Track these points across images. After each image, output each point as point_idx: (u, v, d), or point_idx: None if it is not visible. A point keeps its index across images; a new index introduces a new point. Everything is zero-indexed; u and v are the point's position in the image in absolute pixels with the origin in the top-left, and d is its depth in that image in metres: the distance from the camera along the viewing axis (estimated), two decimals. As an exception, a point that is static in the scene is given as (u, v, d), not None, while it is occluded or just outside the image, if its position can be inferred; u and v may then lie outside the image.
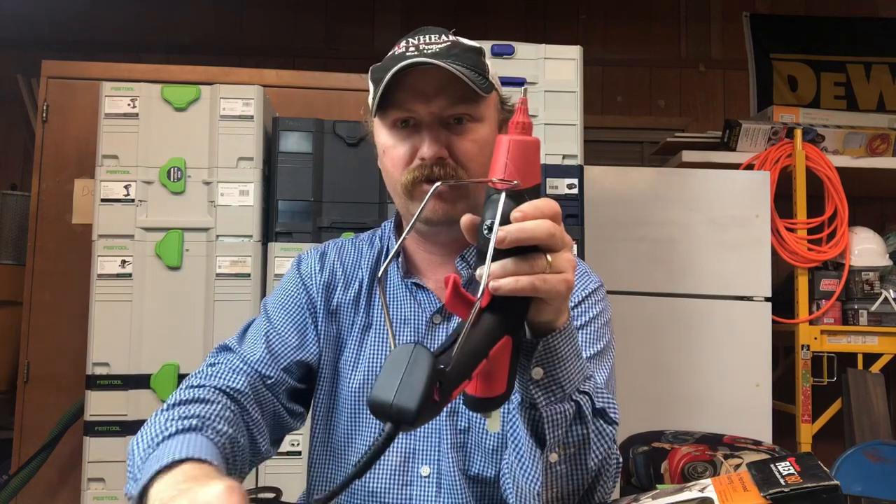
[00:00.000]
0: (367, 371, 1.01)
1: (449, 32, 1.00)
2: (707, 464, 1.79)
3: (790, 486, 0.65)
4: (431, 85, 0.93)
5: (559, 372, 0.77)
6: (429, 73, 0.92)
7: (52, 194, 2.25)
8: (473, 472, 0.96)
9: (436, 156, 0.93)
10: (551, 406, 0.78)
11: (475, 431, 0.96)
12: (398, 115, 0.96)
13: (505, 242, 0.64)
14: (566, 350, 0.77)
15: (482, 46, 1.01)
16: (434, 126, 0.95)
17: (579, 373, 0.79)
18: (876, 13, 3.86)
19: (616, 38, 3.81)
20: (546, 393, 0.77)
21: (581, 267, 1.05)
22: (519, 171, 0.66)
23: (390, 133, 0.98)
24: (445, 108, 0.94)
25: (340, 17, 3.74)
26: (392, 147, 0.98)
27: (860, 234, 2.85)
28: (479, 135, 0.97)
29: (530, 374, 0.76)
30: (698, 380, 2.46)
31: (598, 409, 0.83)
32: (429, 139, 0.94)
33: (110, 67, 2.27)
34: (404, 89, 0.93)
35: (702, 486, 0.73)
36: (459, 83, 0.92)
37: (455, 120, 0.95)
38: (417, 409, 0.57)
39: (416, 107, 0.94)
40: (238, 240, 1.98)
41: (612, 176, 2.55)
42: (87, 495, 1.87)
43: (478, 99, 0.96)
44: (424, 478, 0.97)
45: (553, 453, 0.80)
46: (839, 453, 2.35)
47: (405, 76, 0.92)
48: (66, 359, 2.15)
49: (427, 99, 0.94)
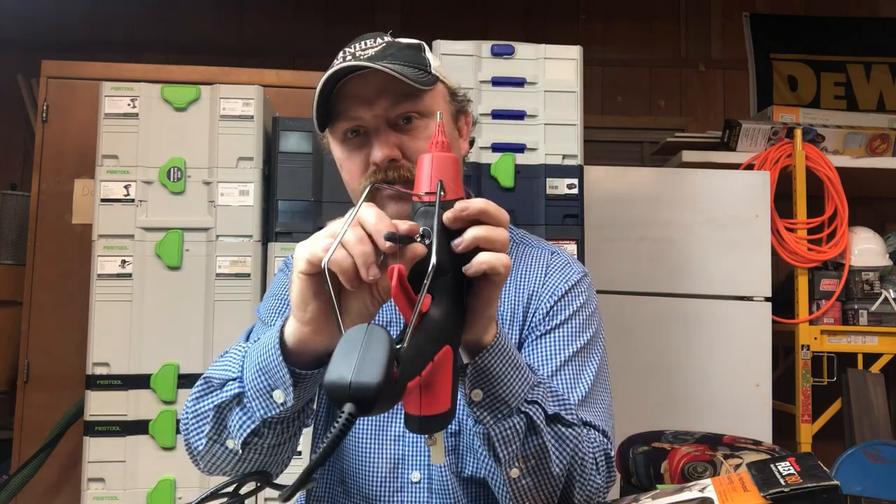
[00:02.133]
0: None
1: (386, 34, 0.98)
2: (707, 464, 1.79)
3: (790, 486, 0.65)
4: (371, 88, 0.91)
5: (499, 389, 0.76)
6: (366, 78, 0.90)
7: (52, 194, 2.25)
8: (467, 473, 0.95)
9: (387, 158, 0.91)
10: (499, 423, 0.77)
11: (466, 433, 0.95)
12: (345, 125, 0.94)
13: (462, 245, 0.66)
14: (501, 366, 0.75)
15: (421, 42, 0.99)
16: (382, 129, 0.93)
17: (522, 384, 0.78)
18: (876, 13, 3.86)
19: (616, 38, 3.81)
20: (491, 412, 0.77)
21: (562, 258, 1.05)
22: (446, 185, 0.67)
23: (342, 146, 0.96)
24: (389, 109, 0.92)
25: (340, 17, 3.74)
26: (346, 159, 0.96)
27: (860, 234, 2.85)
28: (430, 130, 0.92)
29: (470, 397, 0.76)
30: (698, 380, 2.46)
31: (551, 416, 0.82)
32: (377, 143, 0.92)
33: (110, 67, 2.27)
34: (345, 98, 0.92)
35: (702, 486, 0.73)
36: (400, 82, 0.89)
37: (404, 120, 0.93)
38: (379, 385, 0.53)
39: (360, 113, 0.92)
40: (238, 240, 1.98)
41: (612, 176, 2.55)
42: (87, 495, 1.86)
43: (421, 94, 0.93)
44: (415, 483, 0.96)
45: (513, 468, 0.80)
46: (839, 453, 2.35)
47: (344, 85, 0.91)
48: (66, 359, 2.15)
49: (369, 103, 0.92)
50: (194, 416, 0.86)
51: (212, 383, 0.85)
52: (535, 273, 1.02)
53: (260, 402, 0.78)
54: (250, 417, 0.79)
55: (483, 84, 2.03)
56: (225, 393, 0.82)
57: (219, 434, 0.83)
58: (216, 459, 0.86)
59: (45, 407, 2.15)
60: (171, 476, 1.87)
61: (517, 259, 1.04)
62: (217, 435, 0.83)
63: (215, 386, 0.84)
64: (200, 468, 0.89)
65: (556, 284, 1.00)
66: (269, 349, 0.75)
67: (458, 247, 0.67)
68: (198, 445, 0.85)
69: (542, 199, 2.01)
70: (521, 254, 1.05)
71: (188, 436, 0.87)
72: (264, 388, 0.77)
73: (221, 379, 0.83)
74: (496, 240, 0.68)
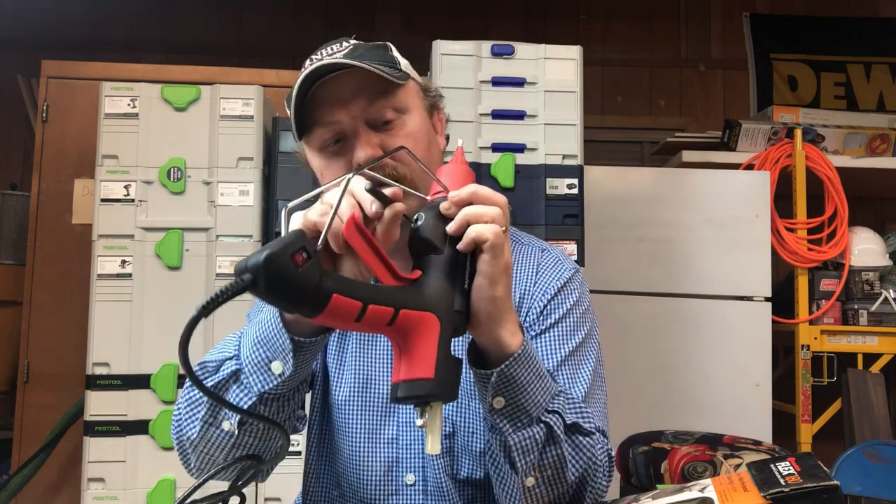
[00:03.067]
0: (354, 380, 1.00)
1: (350, 38, 0.97)
2: (707, 464, 1.79)
3: (790, 485, 0.65)
4: (346, 89, 0.90)
5: (522, 398, 0.76)
6: (340, 80, 0.89)
7: (52, 194, 2.25)
8: (462, 475, 0.95)
9: (370, 157, 0.89)
10: (519, 432, 0.77)
11: (461, 435, 0.95)
12: (322, 132, 0.91)
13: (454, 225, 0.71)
14: (526, 375, 0.75)
15: (387, 42, 0.98)
16: (361, 129, 0.91)
17: (545, 394, 0.78)
18: (876, 13, 3.86)
19: (616, 38, 3.81)
20: (511, 420, 0.76)
21: (552, 255, 1.03)
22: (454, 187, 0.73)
23: (320, 155, 0.94)
24: (367, 108, 0.91)
25: (340, 18, 3.73)
26: (326, 167, 0.94)
27: (860, 234, 2.84)
28: (409, 126, 0.93)
29: (491, 404, 0.75)
30: (698, 380, 2.46)
31: (570, 426, 0.81)
32: (359, 143, 0.90)
33: (110, 67, 2.27)
34: (321, 104, 0.89)
35: (702, 486, 0.72)
36: (373, 79, 0.89)
37: (383, 123, 0.92)
38: (267, 258, 0.58)
39: (338, 115, 0.90)
40: (238, 240, 1.98)
41: (612, 176, 2.55)
42: (87, 495, 1.87)
43: (395, 90, 0.92)
44: (410, 486, 0.96)
45: (529, 477, 0.79)
46: (839, 453, 2.35)
47: (317, 90, 0.89)
48: (66, 359, 2.15)
49: (345, 104, 0.90)
50: (187, 404, 0.85)
51: (207, 367, 0.85)
52: (527, 271, 1.01)
53: (258, 375, 0.78)
54: (248, 393, 0.79)
55: (483, 84, 2.03)
56: (221, 373, 0.82)
57: (214, 416, 0.82)
58: (210, 447, 0.84)
59: (45, 407, 2.16)
60: (171, 476, 1.87)
61: None
62: (213, 417, 0.82)
63: (210, 370, 0.84)
64: (192, 464, 0.87)
65: (548, 283, 0.99)
66: (268, 321, 0.76)
67: (451, 228, 0.71)
68: (191, 434, 0.84)
69: (542, 199, 2.01)
70: (513, 252, 1.04)
71: (181, 427, 0.85)
72: (263, 361, 0.77)
73: (218, 361, 0.84)
74: (484, 213, 0.71)
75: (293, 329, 0.74)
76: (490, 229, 0.70)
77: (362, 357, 1.01)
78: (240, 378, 0.80)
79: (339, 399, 1.01)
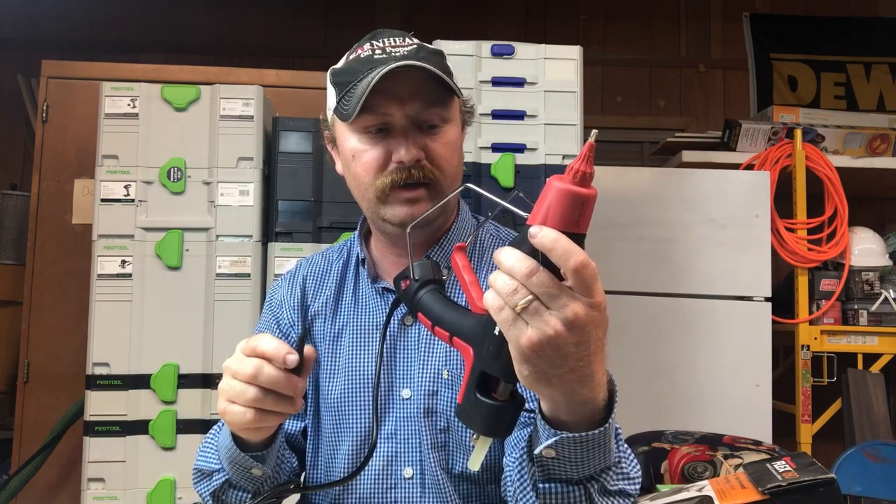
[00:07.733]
0: (346, 381, 1.01)
1: (409, 34, 0.99)
2: (707, 464, 1.79)
3: (787, 480, 0.65)
4: (405, 88, 0.92)
5: (575, 462, 0.70)
6: (402, 77, 0.91)
7: (52, 194, 2.25)
8: (457, 470, 0.96)
9: (415, 159, 0.93)
10: (552, 483, 0.73)
11: (455, 430, 0.96)
12: (371, 119, 0.94)
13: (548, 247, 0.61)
14: (592, 450, 0.69)
15: (441, 49, 1.00)
16: (410, 129, 0.94)
17: (598, 464, 0.72)
18: (876, 13, 3.86)
19: (616, 38, 3.81)
20: (550, 471, 0.72)
21: None
22: (561, 223, 0.62)
23: (360, 138, 0.96)
24: (420, 112, 0.94)
25: (340, 18, 3.74)
26: (363, 152, 0.96)
27: (860, 234, 2.84)
28: (449, 137, 0.97)
29: (542, 453, 0.70)
30: (698, 380, 2.46)
31: (612, 491, 0.75)
32: (406, 143, 0.93)
33: (110, 67, 2.27)
34: (376, 93, 0.91)
35: (699, 486, 0.73)
36: (431, 86, 0.92)
37: (429, 127, 0.95)
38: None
39: (392, 110, 0.93)
40: (238, 240, 1.98)
41: (612, 176, 2.55)
42: (87, 495, 1.87)
43: (449, 99, 0.96)
44: (408, 479, 0.97)
45: None
46: (839, 453, 2.35)
47: (378, 81, 0.90)
48: (66, 359, 2.15)
49: (401, 102, 0.93)
50: (198, 493, 0.99)
51: (202, 472, 0.97)
52: None
53: (245, 481, 0.91)
54: (244, 490, 0.92)
55: (483, 84, 2.03)
56: (215, 482, 0.94)
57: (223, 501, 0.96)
58: None
59: (45, 407, 2.15)
60: (171, 476, 1.87)
61: (489, 256, 1.05)
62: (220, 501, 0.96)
63: (204, 475, 0.97)
64: None
65: None
66: (229, 448, 0.87)
67: None
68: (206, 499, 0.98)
69: (542, 199, 2.01)
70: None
71: (197, 487, 1.00)
72: (243, 471, 0.89)
73: (208, 470, 0.96)
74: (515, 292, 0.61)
75: (245, 447, 0.87)
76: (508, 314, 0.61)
77: (359, 353, 1.02)
78: (233, 483, 0.93)
79: (333, 398, 1.02)
